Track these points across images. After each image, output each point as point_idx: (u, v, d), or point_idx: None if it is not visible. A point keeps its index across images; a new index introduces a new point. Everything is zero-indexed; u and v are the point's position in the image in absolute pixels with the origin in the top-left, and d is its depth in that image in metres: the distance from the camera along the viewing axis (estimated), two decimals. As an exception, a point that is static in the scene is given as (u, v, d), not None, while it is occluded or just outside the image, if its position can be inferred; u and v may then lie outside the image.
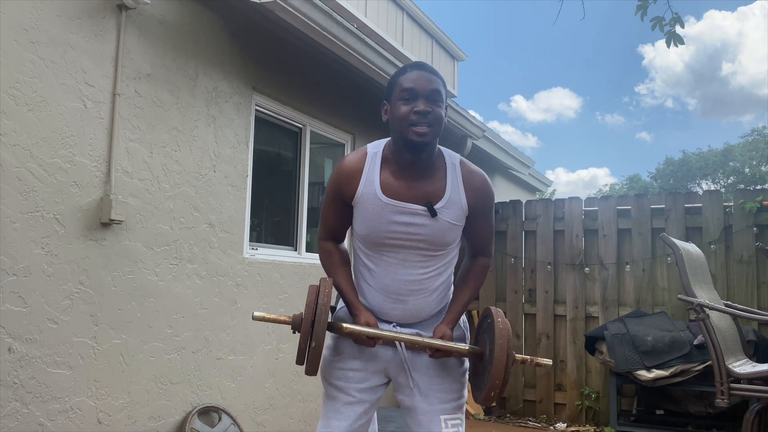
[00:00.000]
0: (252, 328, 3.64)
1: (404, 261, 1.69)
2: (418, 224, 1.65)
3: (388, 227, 1.65)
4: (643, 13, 3.80)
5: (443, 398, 1.74)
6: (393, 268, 1.70)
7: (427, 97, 1.59)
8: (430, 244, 1.68)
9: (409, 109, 1.58)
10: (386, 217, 1.65)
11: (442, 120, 1.61)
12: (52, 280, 2.53)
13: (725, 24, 63.71)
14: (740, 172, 28.91)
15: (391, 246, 1.68)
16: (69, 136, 2.61)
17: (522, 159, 8.00)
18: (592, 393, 5.02)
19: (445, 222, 1.66)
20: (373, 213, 1.66)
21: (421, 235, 1.66)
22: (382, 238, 1.67)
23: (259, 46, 3.77)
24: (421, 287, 1.73)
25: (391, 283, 1.71)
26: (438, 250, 1.70)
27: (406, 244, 1.67)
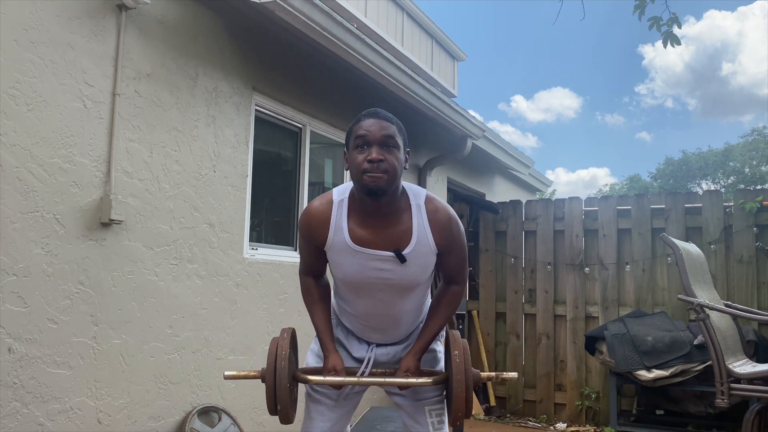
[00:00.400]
0: (252, 328, 3.64)
1: (381, 301, 1.75)
2: (389, 270, 1.66)
3: (362, 272, 1.68)
4: (641, 12, 3.80)
5: (426, 391, 1.85)
6: (371, 305, 1.77)
7: (380, 144, 1.57)
8: (403, 287, 1.71)
9: (363, 158, 1.57)
10: (358, 263, 1.67)
11: (396, 167, 1.59)
12: (52, 280, 2.53)
13: (725, 24, 63.71)
14: (740, 172, 28.90)
15: (366, 289, 1.73)
16: (69, 136, 2.61)
17: (522, 159, 8.00)
18: (592, 393, 5.02)
19: (415, 266, 1.67)
20: (345, 260, 1.68)
21: (393, 279, 1.68)
22: (356, 282, 1.72)
23: (259, 46, 3.77)
24: (398, 319, 1.82)
25: (370, 316, 1.82)
26: (412, 289, 1.76)
27: (381, 287, 1.71)
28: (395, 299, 1.74)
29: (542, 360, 5.30)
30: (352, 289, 1.75)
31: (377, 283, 1.69)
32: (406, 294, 1.74)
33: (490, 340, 5.57)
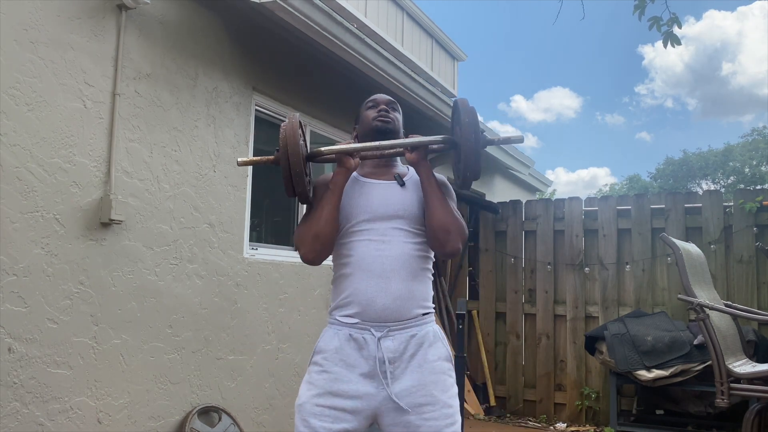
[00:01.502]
0: (252, 328, 3.64)
1: (384, 237, 1.79)
2: (391, 196, 1.85)
3: (368, 203, 1.83)
4: (641, 13, 3.80)
5: (437, 426, 1.72)
6: (375, 246, 1.79)
7: (386, 104, 1.98)
8: (404, 214, 1.83)
9: (374, 112, 1.97)
10: (365, 195, 1.85)
11: (398, 120, 1.98)
12: (52, 280, 2.53)
13: (725, 24, 63.70)
14: (740, 172, 28.90)
15: (370, 220, 1.81)
16: (69, 136, 2.62)
17: (522, 159, 8.00)
18: (592, 393, 5.03)
19: (413, 193, 1.87)
20: (353, 195, 1.86)
21: (395, 204, 1.84)
22: (362, 215, 1.82)
23: (259, 46, 3.77)
24: (401, 264, 1.78)
25: (373, 260, 1.78)
26: (413, 223, 1.83)
27: (382, 214, 1.82)
28: (399, 235, 1.80)
29: (542, 360, 5.30)
30: (356, 228, 1.81)
31: (381, 213, 1.82)
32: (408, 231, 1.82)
33: (490, 340, 5.57)
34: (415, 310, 1.79)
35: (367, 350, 1.74)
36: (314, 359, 1.80)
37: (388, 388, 1.71)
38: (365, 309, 1.76)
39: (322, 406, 1.71)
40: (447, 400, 1.75)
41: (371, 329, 1.75)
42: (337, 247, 1.87)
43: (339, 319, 1.80)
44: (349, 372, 1.73)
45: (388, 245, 1.78)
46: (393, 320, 1.76)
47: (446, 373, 1.80)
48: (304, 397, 1.75)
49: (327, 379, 1.73)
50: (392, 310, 1.76)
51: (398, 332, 1.77)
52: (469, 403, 5.18)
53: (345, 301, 1.80)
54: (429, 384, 1.74)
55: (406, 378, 1.73)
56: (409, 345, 1.76)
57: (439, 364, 1.78)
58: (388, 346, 1.75)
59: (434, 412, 1.72)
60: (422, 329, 1.79)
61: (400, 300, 1.77)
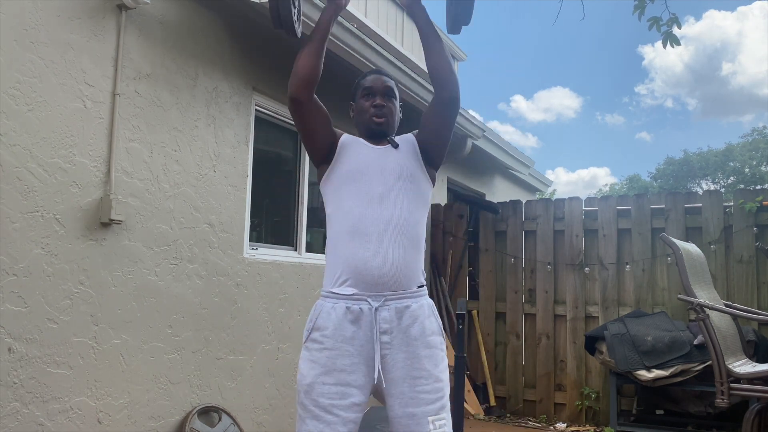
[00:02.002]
0: (252, 328, 3.64)
1: (380, 199, 1.84)
2: (387, 157, 1.92)
3: (366, 163, 1.90)
4: (640, 13, 3.80)
5: (428, 399, 1.77)
6: (371, 209, 1.83)
7: (382, 93, 1.98)
8: (398, 172, 1.89)
9: (369, 104, 1.98)
10: (364, 155, 1.92)
11: (394, 112, 2.01)
12: (52, 280, 2.53)
13: (725, 24, 63.71)
14: (740, 172, 28.91)
15: (366, 181, 1.86)
16: (69, 136, 2.62)
17: (522, 159, 8.00)
18: (592, 393, 5.03)
19: (406, 153, 1.94)
20: (353, 153, 1.93)
21: (389, 163, 1.90)
22: (358, 173, 1.88)
23: (259, 46, 3.78)
24: (397, 228, 1.82)
25: (369, 223, 1.81)
26: (408, 184, 1.88)
27: (379, 174, 1.88)
28: (391, 194, 1.85)
29: (542, 360, 5.30)
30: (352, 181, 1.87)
31: (377, 173, 1.88)
32: (403, 190, 1.87)
33: (490, 340, 5.57)
34: (410, 280, 1.83)
35: (363, 321, 1.78)
36: (312, 336, 1.82)
37: (377, 364, 1.76)
38: (361, 275, 1.79)
39: (329, 384, 1.75)
40: (438, 374, 1.81)
41: (368, 299, 1.79)
42: (331, 209, 1.90)
43: (335, 291, 1.82)
44: (350, 346, 1.77)
45: (384, 208, 1.83)
46: (389, 289, 1.80)
47: (438, 347, 1.85)
48: (310, 377, 1.77)
49: (329, 356, 1.77)
50: (388, 275, 1.79)
51: (394, 302, 1.81)
52: (469, 403, 5.18)
53: (340, 268, 1.82)
54: (423, 358, 1.79)
55: (401, 350, 1.79)
56: (404, 316, 1.81)
57: (432, 339, 1.83)
58: (385, 317, 1.79)
59: (426, 386, 1.78)
60: (417, 301, 1.84)
61: (396, 266, 1.80)
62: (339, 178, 1.90)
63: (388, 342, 1.78)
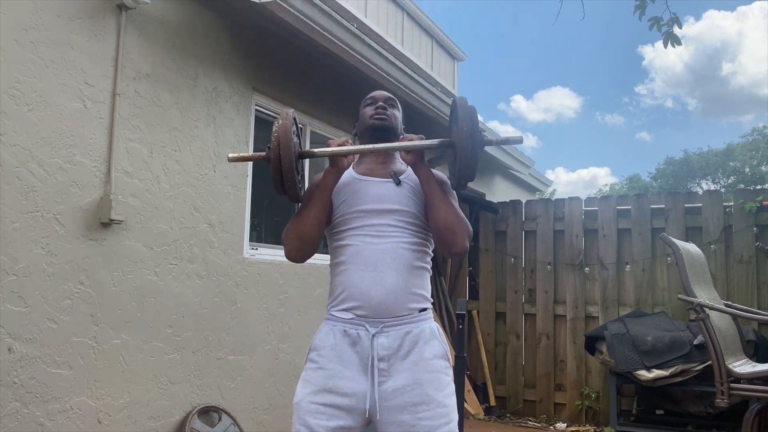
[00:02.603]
0: (252, 328, 3.64)
1: (379, 232, 1.80)
2: (386, 194, 1.85)
3: (362, 197, 1.84)
4: (641, 13, 3.80)
5: (431, 426, 1.70)
6: (369, 240, 1.79)
7: (384, 100, 1.99)
8: (400, 210, 1.83)
9: (371, 109, 1.97)
10: (360, 189, 1.87)
11: (397, 117, 1.98)
12: (52, 280, 2.53)
13: (725, 24, 63.68)
14: (740, 172, 28.90)
15: (365, 214, 1.81)
16: (69, 136, 2.62)
17: (522, 159, 8.01)
18: (592, 393, 5.03)
19: (408, 190, 1.87)
20: (349, 191, 1.87)
21: (389, 201, 1.84)
22: (357, 209, 1.83)
23: (259, 46, 3.77)
24: (396, 257, 1.77)
25: (368, 253, 1.78)
26: (408, 218, 1.83)
27: (378, 209, 1.82)
28: (393, 229, 1.80)
29: (542, 360, 5.30)
30: (350, 222, 1.82)
31: (376, 209, 1.83)
32: (403, 226, 1.82)
33: (490, 340, 5.57)
34: (411, 305, 1.77)
35: (360, 346, 1.73)
36: (310, 356, 1.80)
37: (374, 389, 1.69)
38: (360, 303, 1.75)
39: (318, 403, 1.70)
40: (442, 399, 1.73)
41: (366, 325, 1.74)
42: (333, 242, 1.87)
43: (335, 314, 1.80)
44: (345, 369, 1.72)
45: (383, 239, 1.78)
46: (389, 315, 1.74)
47: (442, 371, 1.76)
48: (300, 395, 1.74)
49: (323, 376, 1.73)
50: (387, 304, 1.74)
51: (393, 328, 1.74)
52: (469, 403, 5.18)
53: (340, 295, 1.79)
54: (424, 383, 1.71)
55: (400, 376, 1.72)
56: (405, 342, 1.74)
57: (434, 363, 1.75)
58: (382, 343, 1.73)
59: (428, 412, 1.69)
60: (418, 326, 1.77)
61: (395, 293, 1.75)
62: (335, 217, 1.85)
63: (385, 369, 1.72)
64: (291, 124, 1.71)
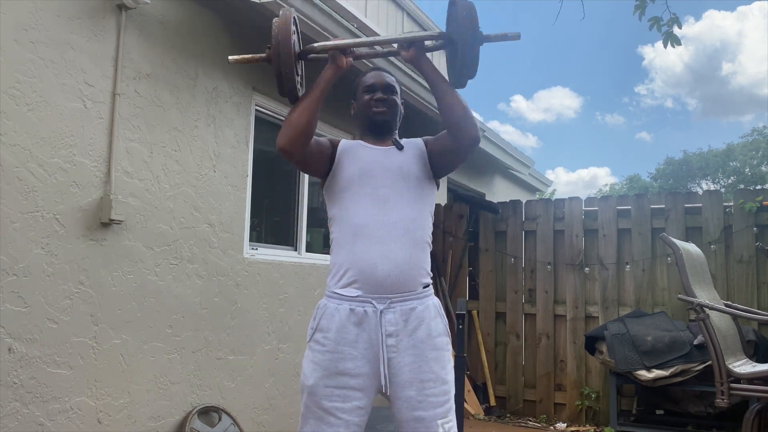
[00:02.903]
0: (252, 328, 3.64)
1: (385, 201, 1.82)
2: (390, 159, 1.90)
3: (369, 166, 1.87)
4: (641, 13, 3.80)
5: (437, 402, 1.77)
6: (376, 211, 1.81)
7: (383, 88, 1.97)
8: (403, 175, 1.86)
9: (370, 97, 1.96)
10: (365, 158, 1.90)
11: (397, 105, 1.98)
12: (52, 280, 2.53)
13: (725, 24, 63.72)
14: (740, 172, 28.90)
15: (371, 184, 1.84)
16: (69, 136, 2.62)
17: (522, 159, 8.01)
18: (592, 393, 5.02)
19: (410, 155, 1.91)
20: (355, 158, 1.90)
21: (394, 164, 1.88)
22: (363, 177, 1.85)
23: (259, 46, 3.76)
24: (403, 230, 1.79)
25: (373, 225, 1.79)
26: (412, 185, 1.85)
27: (383, 177, 1.85)
28: (396, 196, 1.82)
29: (542, 360, 5.30)
30: (356, 186, 1.84)
31: (381, 174, 1.85)
32: (407, 192, 1.84)
33: (490, 340, 5.56)
34: (416, 280, 1.81)
35: (367, 323, 1.76)
36: (315, 337, 1.81)
37: (384, 366, 1.74)
38: (366, 277, 1.77)
39: (331, 386, 1.74)
40: (445, 376, 1.81)
41: (373, 302, 1.77)
42: (336, 212, 1.88)
43: (339, 292, 1.80)
44: (353, 349, 1.76)
45: (390, 209, 1.80)
46: (395, 291, 1.77)
47: (445, 348, 1.84)
48: (312, 379, 1.77)
49: (332, 359, 1.76)
50: (394, 277, 1.77)
51: (399, 304, 1.78)
52: (469, 403, 5.18)
53: (346, 272, 1.80)
54: (430, 360, 1.77)
55: (408, 352, 1.76)
56: (411, 318, 1.78)
57: (439, 340, 1.81)
58: (390, 320, 1.76)
59: (435, 389, 1.77)
60: (423, 302, 1.82)
61: (402, 268, 1.77)
62: (341, 182, 1.87)
63: (394, 345, 1.76)
64: (290, 23, 1.72)
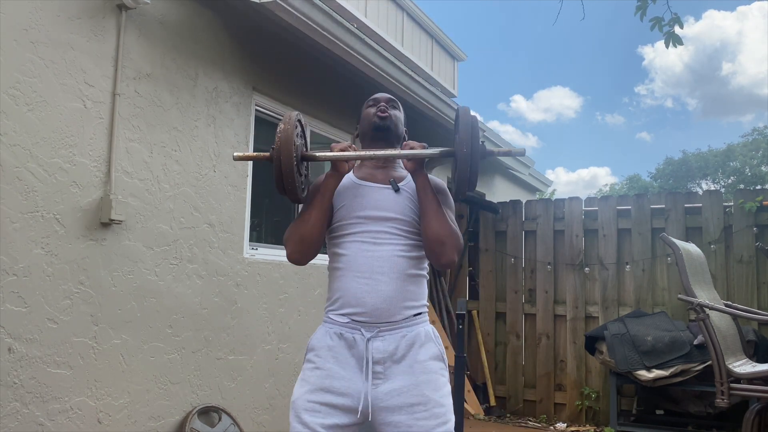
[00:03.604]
0: (252, 328, 3.64)
1: (375, 239, 1.81)
2: (384, 199, 1.86)
3: (362, 205, 1.85)
4: (642, 13, 3.80)
5: (428, 426, 1.71)
6: (366, 247, 1.80)
7: (386, 102, 2.00)
8: (397, 218, 1.84)
9: (373, 109, 1.99)
10: (360, 196, 1.87)
11: (399, 117, 1.99)
12: (52, 280, 2.53)
13: (725, 24, 63.66)
14: (740, 172, 28.89)
15: (363, 220, 1.82)
16: (69, 136, 2.62)
17: (522, 159, 8.01)
18: (592, 393, 5.03)
19: (407, 199, 1.87)
20: (348, 195, 1.88)
21: (387, 208, 1.85)
22: (355, 214, 1.84)
23: (259, 46, 3.77)
24: (392, 265, 1.79)
25: (364, 260, 1.79)
26: (404, 227, 1.83)
27: (375, 216, 1.83)
28: (390, 237, 1.81)
29: (542, 360, 5.30)
30: (348, 228, 1.83)
31: (373, 215, 1.84)
32: (400, 233, 1.83)
33: (490, 340, 5.57)
34: (405, 312, 1.79)
35: (356, 349, 1.76)
36: (308, 356, 1.83)
37: (369, 391, 1.72)
38: (355, 308, 1.78)
39: (314, 402, 1.74)
40: (439, 399, 1.75)
41: (361, 330, 1.76)
42: (331, 247, 1.89)
43: (331, 317, 1.82)
44: (342, 369, 1.75)
45: (379, 247, 1.79)
46: (383, 321, 1.76)
47: (438, 372, 1.79)
48: (297, 394, 1.78)
49: (319, 376, 1.75)
50: (382, 310, 1.76)
51: (388, 333, 1.77)
52: (469, 403, 5.18)
53: (337, 300, 1.82)
54: (421, 384, 1.73)
55: (397, 378, 1.74)
56: (400, 345, 1.76)
57: (430, 364, 1.77)
58: (378, 347, 1.75)
59: (425, 412, 1.71)
60: (413, 330, 1.79)
61: (390, 301, 1.77)
62: (335, 217, 1.86)
63: (381, 372, 1.74)
64: (294, 128, 1.74)
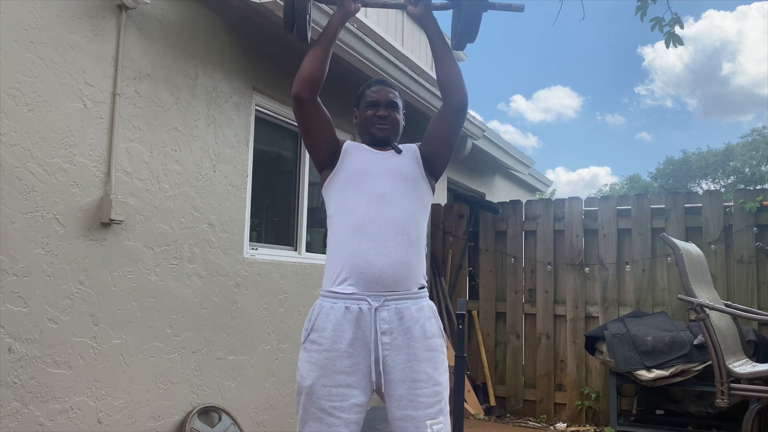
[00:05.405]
0: (252, 328, 3.64)
1: (381, 199, 1.86)
2: (390, 160, 1.96)
3: (370, 165, 1.94)
4: (642, 13, 3.80)
5: (427, 403, 1.78)
6: (373, 208, 1.85)
7: (386, 105, 2.00)
8: (400, 174, 1.93)
9: (372, 113, 2.01)
10: (365, 157, 1.97)
11: (398, 122, 2.03)
12: (52, 280, 2.53)
13: (724, 24, 63.73)
14: (740, 172, 28.88)
15: (370, 182, 1.89)
16: (69, 136, 2.62)
17: (522, 159, 8.00)
18: (592, 393, 5.02)
19: (408, 159, 1.98)
20: (359, 157, 1.97)
21: (392, 165, 1.94)
22: (361, 174, 1.91)
23: (259, 46, 3.77)
24: (399, 228, 1.83)
25: (370, 222, 1.84)
26: (409, 186, 1.91)
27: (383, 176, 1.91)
28: (393, 194, 1.88)
29: (542, 360, 5.30)
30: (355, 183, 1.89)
31: (379, 174, 1.91)
32: (402, 190, 1.90)
33: (490, 340, 5.57)
34: (410, 281, 1.84)
35: (362, 321, 1.79)
36: (311, 337, 1.82)
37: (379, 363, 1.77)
38: (362, 273, 1.80)
39: (330, 386, 1.76)
40: (438, 378, 1.82)
41: (368, 299, 1.79)
42: (334, 209, 1.93)
43: (334, 290, 1.83)
44: (349, 347, 1.78)
45: (386, 207, 1.85)
46: (390, 288, 1.80)
47: (439, 349, 1.86)
48: (310, 380, 1.78)
49: (328, 358, 1.78)
50: (389, 274, 1.80)
51: (394, 302, 1.81)
52: (469, 403, 5.18)
53: (342, 271, 1.82)
54: (423, 360, 1.80)
55: (402, 351, 1.79)
56: (405, 317, 1.81)
57: (433, 341, 1.84)
58: (384, 317, 1.79)
59: (426, 389, 1.78)
60: (417, 303, 1.85)
61: (397, 266, 1.81)
62: (342, 179, 1.92)
63: (388, 343, 1.79)
64: None
